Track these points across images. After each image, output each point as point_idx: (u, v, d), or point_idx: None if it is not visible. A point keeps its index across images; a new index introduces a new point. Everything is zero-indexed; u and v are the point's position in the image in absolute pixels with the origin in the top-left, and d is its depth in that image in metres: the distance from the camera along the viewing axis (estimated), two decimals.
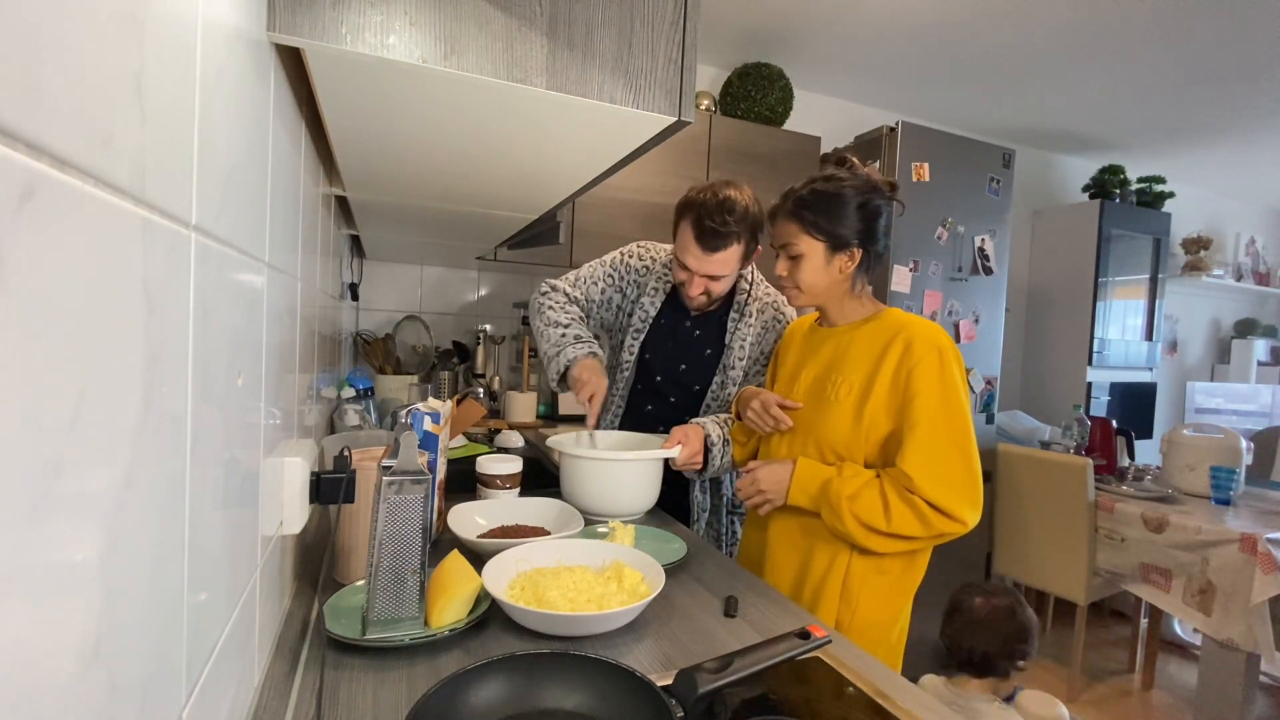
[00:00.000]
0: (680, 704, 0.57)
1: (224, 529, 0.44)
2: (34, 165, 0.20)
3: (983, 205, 2.47)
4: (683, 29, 0.65)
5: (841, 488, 1.02)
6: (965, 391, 1.04)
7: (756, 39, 2.52)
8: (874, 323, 1.11)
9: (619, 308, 1.48)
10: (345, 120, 0.72)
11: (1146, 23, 2.24)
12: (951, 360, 1.03)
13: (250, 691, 0.56)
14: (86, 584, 0.24)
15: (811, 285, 1.12)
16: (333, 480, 0.71)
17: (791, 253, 1.11)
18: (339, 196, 1.21)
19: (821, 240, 1.08)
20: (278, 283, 0.62)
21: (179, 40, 0.33)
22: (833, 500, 1.02)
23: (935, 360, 1.02)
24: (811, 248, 1.09)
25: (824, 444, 1.10)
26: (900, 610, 1.10)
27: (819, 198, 1.08)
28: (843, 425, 1.07)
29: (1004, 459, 2.59)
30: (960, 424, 1.01)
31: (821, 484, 1.05)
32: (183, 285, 0.34)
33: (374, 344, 2.20)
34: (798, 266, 1.11)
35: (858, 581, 1.07)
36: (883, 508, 1.00)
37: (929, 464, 0.98)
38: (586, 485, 1.19)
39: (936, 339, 1.03)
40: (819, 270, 1.10)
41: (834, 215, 1.08)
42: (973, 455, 1.01)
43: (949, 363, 1.02)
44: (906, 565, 1.09)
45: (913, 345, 1.03)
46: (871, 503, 1.00)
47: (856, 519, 1.01)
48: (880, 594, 1.07)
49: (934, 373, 1.01)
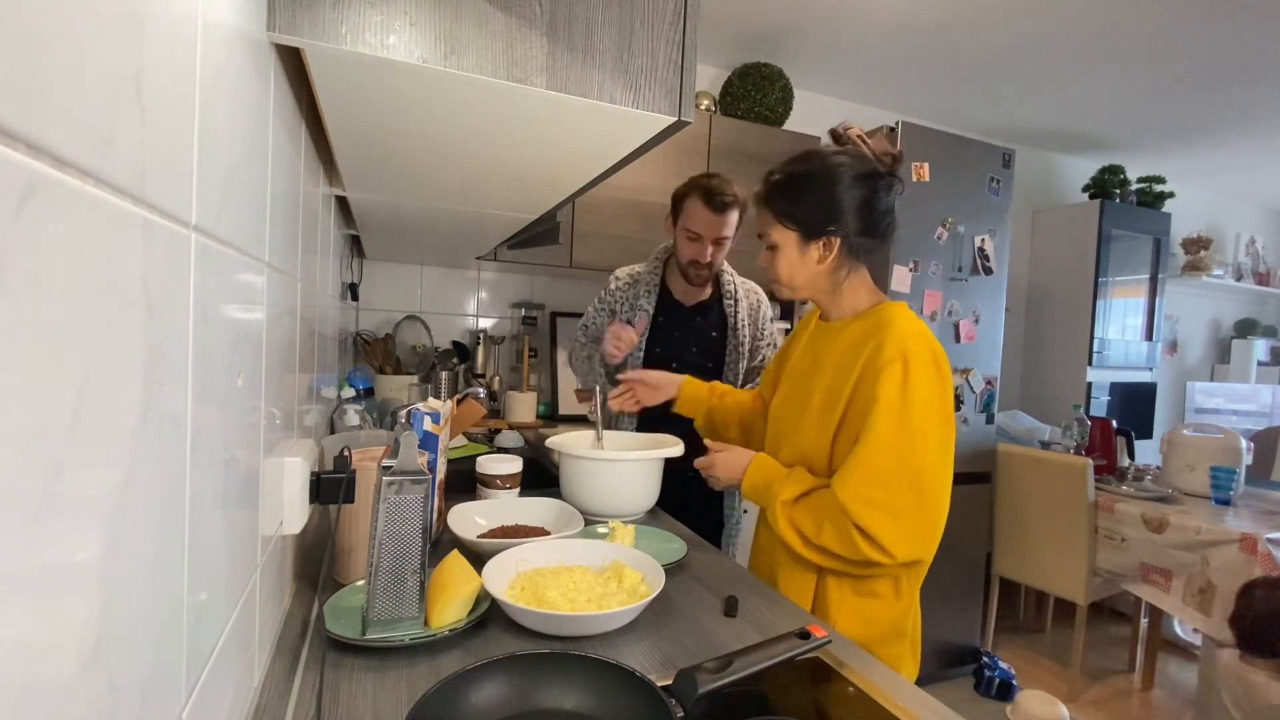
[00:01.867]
0: (680, 704, 0.57)
1: (224, 529, 0.44)
2: (34, 165, 0.20)
3: (983, 205, 2.47)
4: (683, 29, 0.65)
5: (781, 491, 0.96)
6: (937, 407, 0.91)
7: (756, 39, 2.52)
8: (865, 320, 1.00)
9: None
10: (345, 120, 0.72)
11: (1146, 23, 2.24)
12: (918, 371, 0.90)
13: (250, 691, 0.56)
14: (86, 584, 0.24)
15: (790, 278, 1.03)
16: (333, 480, 0.71)
17: (768, 243, 1.04)
18: (339, 196, 1.21)
19: (793, 229, 1.00)
20: (278, 283, 0.62)
21: (179, 40, 0.33)
22: (772, 502, 0.97)
23: (899, 369, 0.89)
24: (784, 238, 1.01)
25: (794, 449, 1.03)
26: (891, 631, 0.99)
27: (790, 182, 1.00)
28: (809, 433, 0.99)
29: (1004, 459, 2.59)
30: (916, 447, 0.88)
31: (768, 483, 0.99)
32: (183, 285, 0.34)
33: (374, 344, 2.20)
34: (774, 258, 1.03)
35: (834, 599, 0.98)
36: (814, 520, 0.92)
37: (866, 486, 0.88)
38: (585, 484, 1.19)
39: (906, 344, 0.91)
40: (794, 262, 1.02)
41: (804, 200, 0.99)
42: (926, 484, 0.88)
43: (914, 374, 0.89)
44: (892, 589, 0.98)
45: (885, 345, 0.91)
46: (806, 511, 0.94)
47: (791, 525, 0.95)
48: (860, 614, 0.97)
49: (895, 383, 0.89)
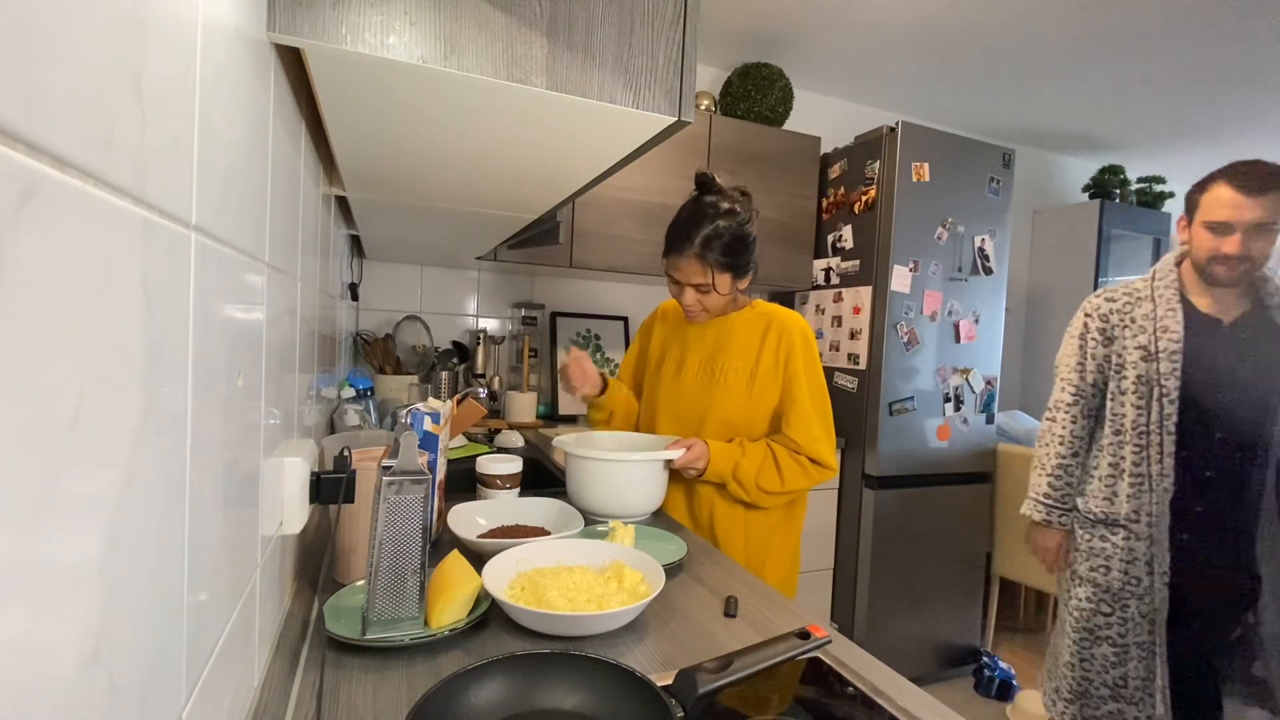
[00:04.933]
0: (680, 704, 0.57)
1: (224, 529, 0.44)
2: (34, 165, 0.20)
3: (983, 205, 2.47)
4: (683, 29, 0.65)
5: (749, 467, 1.26)
6: (819, 367, 1.33)
7: (756, 39, 2.52)
8: (749, 313, 1.36)
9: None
10: (345, 120, 0.72)
11: (1146, 23, 2.24)
12: (813, 344, 1.33)
13: (250, 691, 0.56)
14: (86, 584, 0.24)
15: (717, 307, 1.33)
16: (333, 480, 0.71)
17: (703, 290, 1.29)
18: (339, 196, 1.21)
19: (728, 274, 1.28)
20: (278, 283, 0.62)
21: (179, 40, 0.33)
22: (743, 479, 1.26)
23: (803, 345, 1.30)
24: (720, 281, 1.28)
25: (719, 420, 1.33)
26: (796, 549, 1.39)
27: (725, 238, 1.26)
28: (735, 402, 1.32)
29: (1004, 459, 2.59)
30: (823, 395, 1.31)
31: (732, 466, 1.26)
32: (183, 285, 0.34)
33: (374, 344, 2.20)
34: (706, 296, 1.30)
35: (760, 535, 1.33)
36: (778, 474, 1.26)
37: (807, 428, 1.27)
38: (594, 486, 1.19)
39: (802, 326, 1.32)
40: (724, 296, 1.31)
41: (738, 252, 1.27)
42: (830, 417, 1.31)
43: (812, 346, 1.33)
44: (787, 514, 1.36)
45: (786, 332, 1.30)
46: (770, 472, 1.26)
47: (760, 489, 1.26)
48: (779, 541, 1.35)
49: (802, 356, 1.30)
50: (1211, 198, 1.40)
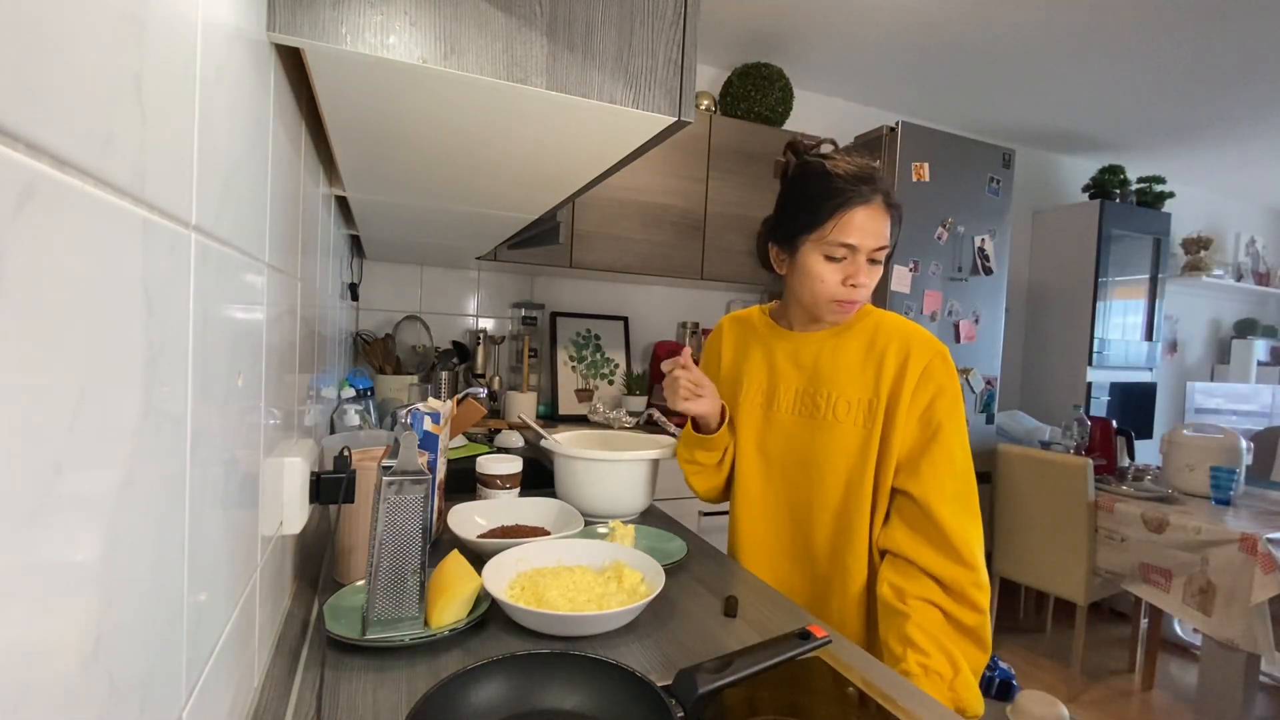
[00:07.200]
0: (680, 704, 0.57)
1: (224, 529, 0.44)
2: (34, 165, 0.20)
3: (983, 205, 2.47)
4: (683, 29, 0.65)
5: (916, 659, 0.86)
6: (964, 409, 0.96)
7: (756, 39, 2.52)
8: (859, 323, 1.00)
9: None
10: (345, 120, 0.72)
11: (1147, 22, 2.24)
12: (957, 381, 0.95)
13: (250, 691, 0.56)
14: (86, 584, 0.24)
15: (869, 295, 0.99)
16: (333, 480, 0.71)
17: (879, 259, 0.95)
18: (339, 196, 1.21)
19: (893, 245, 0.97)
20: (278, 283, 0.62)
21: (179, 40, 0.33)
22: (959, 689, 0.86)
23: (949, 382, 0.93)
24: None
25: (825, 468, 0.98)
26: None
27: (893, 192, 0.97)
28: (850, 445, 0.97)
29: (1004, 459, 2.59)
30: (968, 460, 0.93)
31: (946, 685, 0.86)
32: (183, 285, 0.34)
33: (374, 344, 2.20)
34: (875, 272, 0.96)
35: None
36: (950, 650, 0.86)
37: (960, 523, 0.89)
38: (581, 485, 1.19)
39: (943, 353, 0.95)
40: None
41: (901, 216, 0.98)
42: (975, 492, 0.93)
43: (957, 384, 0.94)
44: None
45: (922, 359, 0.94)
46: (948, 648, 0.87)
47: (962, 691, 0.86)
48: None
49: (950, 402, 0.93)
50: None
